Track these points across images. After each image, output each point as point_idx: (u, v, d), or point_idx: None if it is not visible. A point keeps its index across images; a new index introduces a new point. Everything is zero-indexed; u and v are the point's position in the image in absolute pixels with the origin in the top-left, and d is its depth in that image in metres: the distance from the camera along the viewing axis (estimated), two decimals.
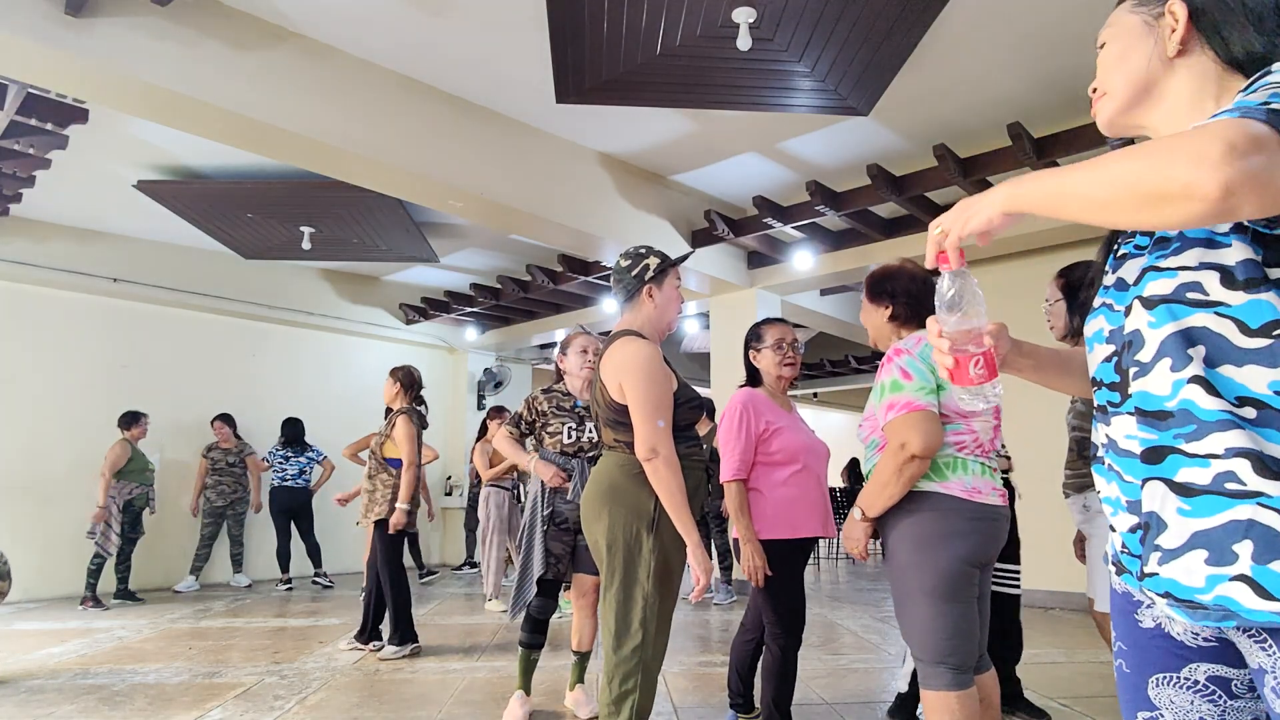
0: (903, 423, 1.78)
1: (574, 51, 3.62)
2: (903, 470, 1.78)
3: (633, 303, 2.16)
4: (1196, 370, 0.83)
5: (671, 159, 5.34)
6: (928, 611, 1.77)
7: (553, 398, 3.28)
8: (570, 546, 3.13)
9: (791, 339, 2.72)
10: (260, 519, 7.50)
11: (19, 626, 5.14)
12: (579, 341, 3.29)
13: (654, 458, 1.90)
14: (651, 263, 2.15)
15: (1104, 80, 1.04)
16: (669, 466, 1.90)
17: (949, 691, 1.74)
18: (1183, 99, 0.96)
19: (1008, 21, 3.67)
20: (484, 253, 7.15)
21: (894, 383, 1.83)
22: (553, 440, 3.20)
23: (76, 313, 6.71)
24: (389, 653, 4.15)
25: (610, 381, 2.02)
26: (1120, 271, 0.97)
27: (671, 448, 1.92)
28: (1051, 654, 4.17)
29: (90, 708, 3.25)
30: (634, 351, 1.99)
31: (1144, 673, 0.98)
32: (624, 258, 2.18)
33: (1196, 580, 0.83)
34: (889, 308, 2.05)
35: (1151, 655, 0.97)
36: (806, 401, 14.07)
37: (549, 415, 3.24)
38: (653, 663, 1.94)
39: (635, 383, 1.95)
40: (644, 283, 2.13)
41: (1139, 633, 0.99)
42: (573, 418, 3.23)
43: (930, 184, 5.08)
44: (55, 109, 4.21)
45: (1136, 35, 1.00)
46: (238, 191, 5.37)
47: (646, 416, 1.92)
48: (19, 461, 6.30)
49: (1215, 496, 0.81)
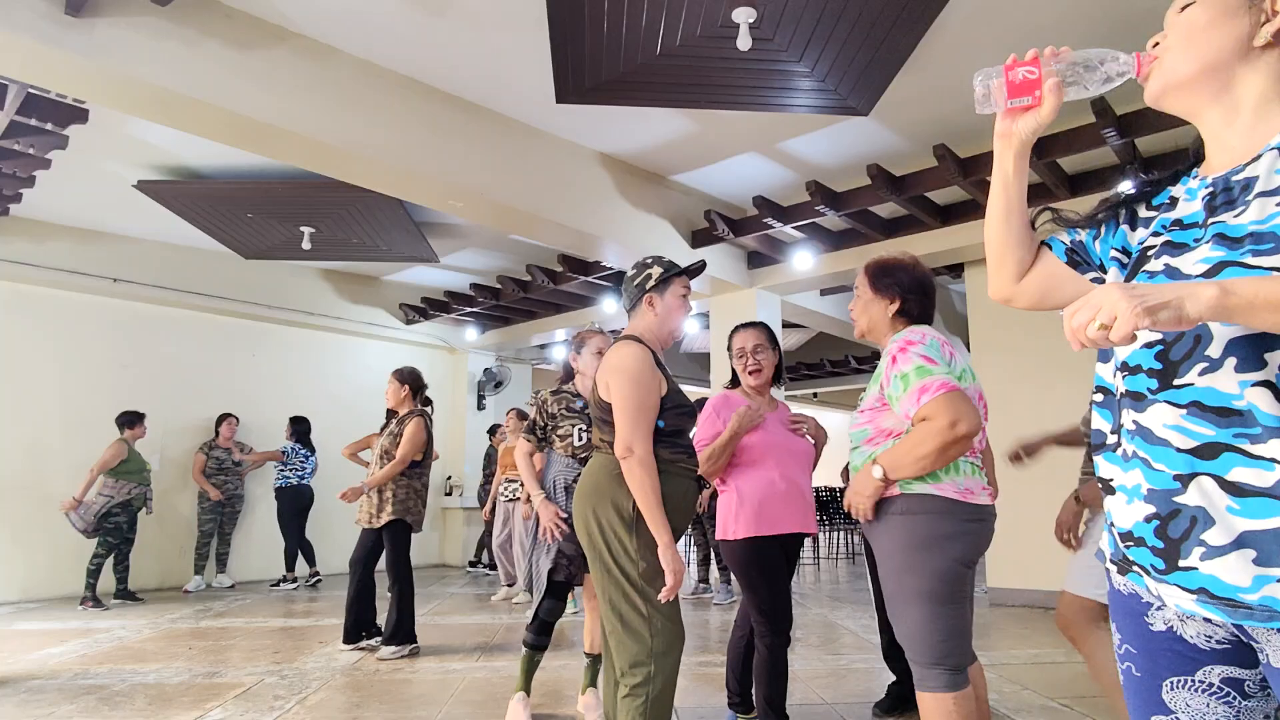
0: (949, 401, 1.70)
1: (574, 51, 3.62)
2: (949, 448, 1.71)
3: (635, 311, 2.20)
4: (1268, 376, 0.82)
5: (671, 159, 5.33)
6: (925, 613, 1.76)
7: (562, 399, 3.24)
8: (581, 548, 3.11)
9: (753, 345, 2.73)
10: (260, 519, 7.51)
11: (19, 626, 5.14)
12: (595, 341, 3.24)
13: (629, 456, 1.93)
14: (654, 272, 2.18)
15: (1176, 45, 0.95)
16: (642, 466, 1.92)
17: (947, 693, 1.73)
18: (1250, 97, 0.92)
19: (1007, 22, 3.66)
20: (484, 253, 7.15)
21: (919, 368, 1.77)
22: (564, 443, 3.16)
23: (76, 313, 6.71)
24: (387, 653, 4.15)
25: (600, 382, 2.08)
26: (1175, 260, 0.92)
27: (647, 448, 1.94)
28: (1051, 654, 4.17)
29: (90, 708, 3.25)
30: (623, 354, 2.04)
31: (1157, 676, 0.96)
32: (633, 267, 2.24)
33: (1241, 579, 0.82)
34: (896, 301, 1.99)
35: (1163, 659, 0.95)
36: (806, 401, 14.06)
37: (559, 417, 3.20)
38: (664, 656, 1.92)
39: (619, 384, 2.00)
40: (645, 291, 2.17)
41: (1149, 636, 0.97)
42: (583, 419, 3.19)
43: (930, 184, 5.08)
44: (55, 109, 4.20)
45: (1233, 10, 0.91)
46: (238, 191, 5.37)
47: (626, 417, 1.95)
48: (19, 461, 6.30)
49: (1272, 500, 0.81)
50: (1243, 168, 0.92)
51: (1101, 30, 3.71)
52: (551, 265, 7.15)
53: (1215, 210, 0.92)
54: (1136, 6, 3.54)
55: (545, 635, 3.08)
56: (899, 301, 1.99)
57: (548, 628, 3.08)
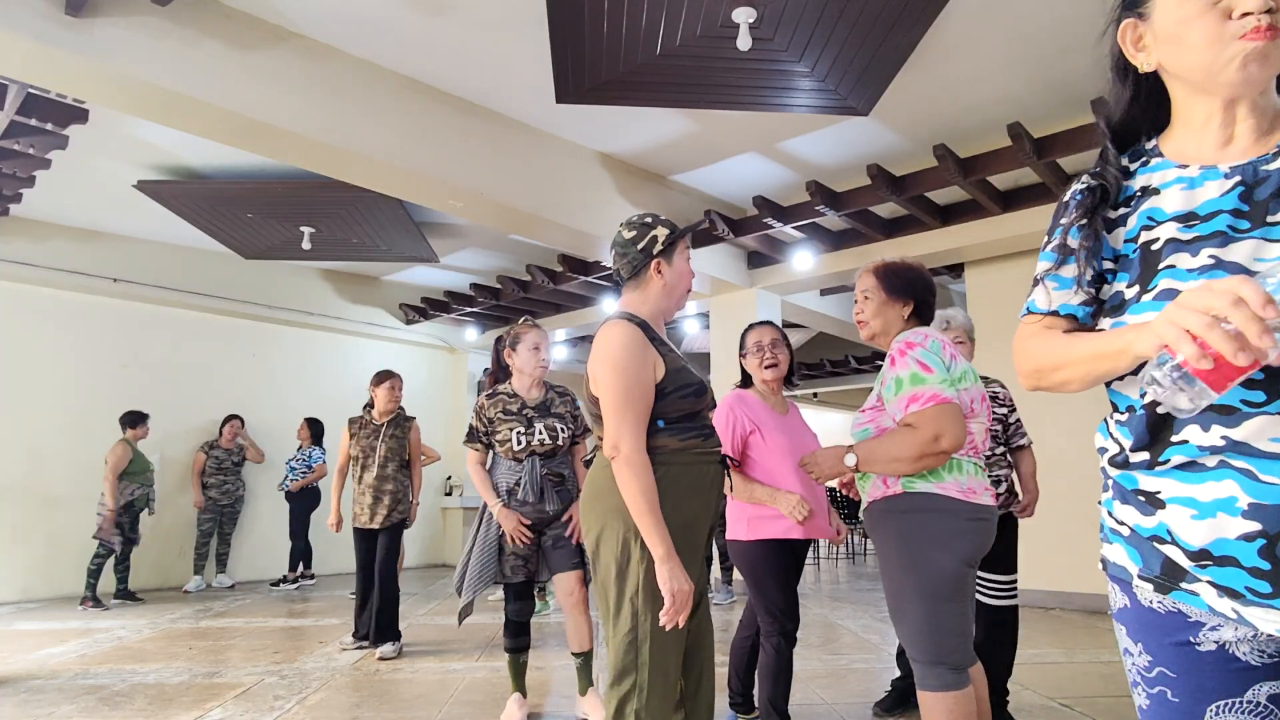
0: (937, 414, 1.73)
1: (574, 51, 3.62)
2: (925, 458, 1.74)
3: (638, 280, 1.87)
4: None
5: (671, 159, 5.34)
6: (926, 612, 1.76)
7: (498, 402, 3.07)
8: (535, 546, 3.02)
9: (770, 340, 2.73)
10: (261, 519, 7.50)
11: (19, 626, 5.14)
12: (531, 336, 3.06)
13: (615, 455, 1.66)
14: (660, 233, 1.86)
15: None
16: (629, 466, 1.64)
17: (947, 692, 1.73)
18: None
19: (1008, 21, 3.67)
20: (484, 253, 7.15)
21: (914, 375, 1.79)
22: (503, 448, 3.01)
23: (76, 313, 6.71)
24: (389, 651, 4.16)
25: (590, 373, 1.80)
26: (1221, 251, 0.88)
27: (636, 444, 1.66)
28: (1051, 654, 4.17)
29: (90, 708, 3.25)
30: (607, 339, 1.75)
31: (1201, 700, 0.90)
32: (626, 228, 1.89)
33: None
34: (910, 304, 2.01)
35: (1210, 681, 0.89)
36: (806, 401, 14.06)
37: (496, 421, 3.03)
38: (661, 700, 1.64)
39: (603, 372, 1.72)
40: (651, 257, 1.85)
41: (1195, 657, 0.91)
42: (520, 420, 3.02)
43: (930, 184, 5.08)
44: (55, 109, 4.21)
45: None
46: (238, 191, 5.37)
47: (612, 409, 1.68)
48: (19, 461, 6.30)
49: None
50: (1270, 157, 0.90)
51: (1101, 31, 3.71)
52: (551, 265, 7.16)
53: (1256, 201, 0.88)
54: None
55: (522, 636, 3.04)
56: (913, 304, 2.00)
57: (522, 628, 3.04)
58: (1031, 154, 4.55)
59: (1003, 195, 5.42)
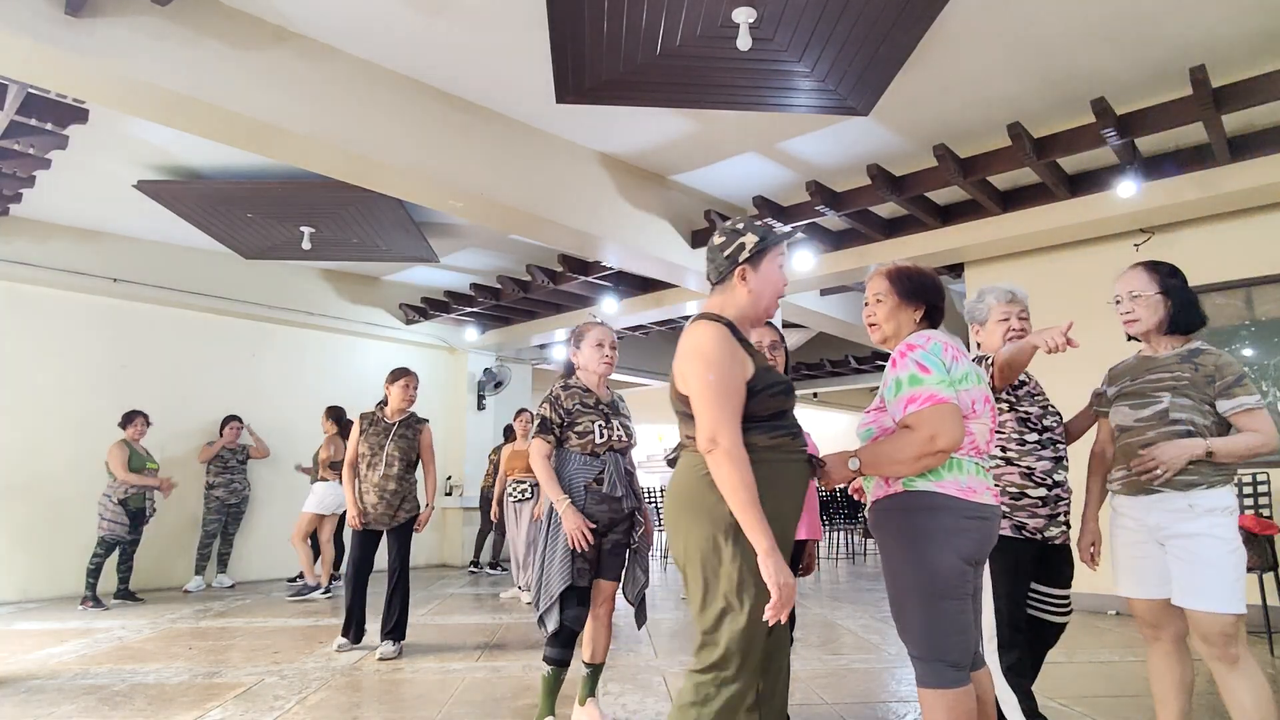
0: (934, 414, 1.75)
1: (574, 51, 3.62)
2: (923, 459, 1.76)
3: (723, 285, 1.89)
4: None
5: (671, 159, 5.34)
6: (925, 609, 1.77)
7: (574, 394, 2.97)
8: (598, 550, 2.87)
9: (769, 342, 2.73)
10: (262, 519, 7.50)
11: (19, 626, 5.14)
12: (595, 333, 3.03)
13: (713, 449, 1.65)
14: (748, 241, 1.85)
15: None
16: (730, 459, 1.63)
17: (946, 689, 1.74)
18: None
19: (1008, 21, 3.67)
20: (484, 253, 7.16)
21: (912, 377, 1.81)
22: (583, 441, 2.90)
23: (76, 313, 6.71)
24: (388, 651, 4.16)
25: (676, 372, 1.81)
26: None
27: (735, 438, 1.66)
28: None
29: (90, 708, 3.25)
30: (696, 336, 1.77)
31: None
32: (719, 234, 1.92)
33: None
34: (922, 308, 2.01)
35: None
36: (806, 401, 14.07)
37: (576, 413, 2.93)
38: (737, 695, 1.64)
39: (694, 369, 1.73)
40: (736, 264, 1.85)
41: None
42: (599, 415, 2.95)
43: (930, 184, 5.08)
44: (55, 109, 4.21)
45: None
46: (238, 191, 5.37)
47: (708, 403, 1.69)
48: (19, 461, 6.29)
49: None
50: None
51: (1102, 33, 3.71)
52: (551, 265, 7.16)
53: None
54: (1139, 8, 3.54)
55: (569, 648, 2.83)
56: (924, 308, 2.02)
57: (572, 638, 2.83)
58: (1031, 154, 4.55)
59: (1002, 195, 5.42)
